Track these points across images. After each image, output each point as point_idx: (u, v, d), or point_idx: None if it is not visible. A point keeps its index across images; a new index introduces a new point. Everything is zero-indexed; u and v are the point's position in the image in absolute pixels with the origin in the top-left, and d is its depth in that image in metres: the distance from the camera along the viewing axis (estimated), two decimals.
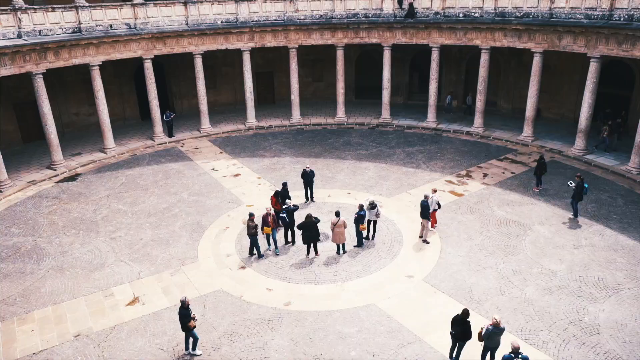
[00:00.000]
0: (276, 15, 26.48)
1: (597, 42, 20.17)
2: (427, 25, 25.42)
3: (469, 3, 24.32)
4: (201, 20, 25.20)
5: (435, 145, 24.64)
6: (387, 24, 26.20)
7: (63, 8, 21.36)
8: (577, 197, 16.31)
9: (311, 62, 32.69)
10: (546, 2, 21.66)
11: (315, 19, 26.73)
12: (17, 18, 19.53)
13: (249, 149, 24.77)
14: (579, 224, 16.26)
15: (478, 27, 24.05)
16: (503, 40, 23.65)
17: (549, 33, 21.81)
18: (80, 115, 27.57)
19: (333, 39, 27.22)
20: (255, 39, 26.57)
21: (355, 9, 26.72)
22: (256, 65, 29.90)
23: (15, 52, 19.34)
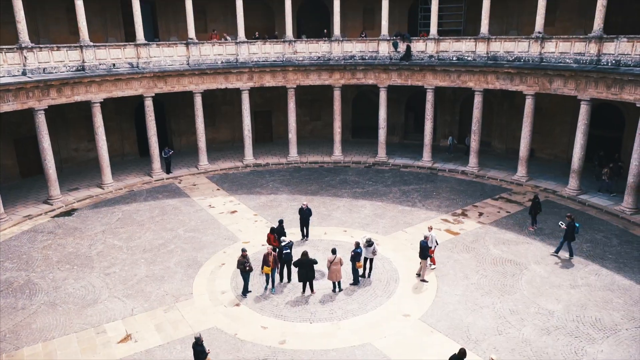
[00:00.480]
0: (275, 56, 27.23)
1: (586, 85, 20.79)
2: (421, 68, 26.16)
3: (462, 47, 25.15)
4: (202, 60, 25.87)
5: (430, 184, 24.87)
6: (383, 66, 26.95)
7: (68, 47, 21.95)
8: (570, 237, 16.41)
9: (309, 101, 33.37)
10: (536, 47, 22.45)
11: (313, 60, 27.49)
12: (22, 56, 20.04)
13: (246, 186, 24.92)
14: (574, 263, 16.28)
15: (471, 70, 24.79)
16: (495, 83, 24.33)
17: (540, 76, 22.48)
18: (80, 150, 27.81)
19: (330, 80, 27.91)
20: (254, 78, 27.22)
21: (352, 52, 27.54)
22: (255, 104, 30.48)
23: (19, 89, 19.73)
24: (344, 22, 29.54)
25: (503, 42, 23.99)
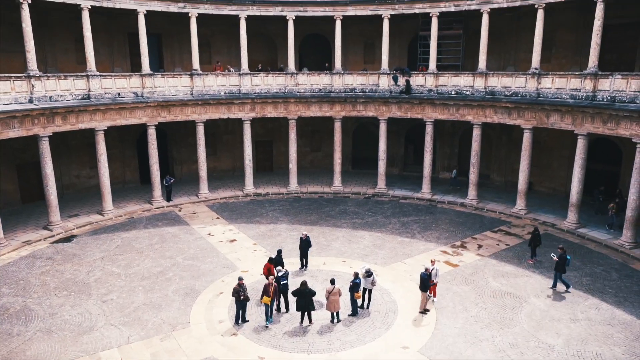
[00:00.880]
0: (277, 88, 27.77)
1: (583, 120, 21.14)
2: (421, 101, 26.65)
3: (461, 82, 25.69)
4: (205, 90, 26.38)
5: (430, 216, 24.94)
6: (383, 99, 27.45)
7: (75, 76, 22.44)
8: (561, 269, 16.43)
9: (310, 132, 33.79)
10: (533, 83, 22.94)
11: (315, 92, 28.01)
12: (30, 84, 20.46)
13: (245, 215, 24.98)
14: (574, 297, 16.20)
15: (469, 104, 25.24)
16: (494, 117, 24.73)
17: (537, 111, 22.88)
18: (81, 177, 28.00)
19: (331, 112, 28.37)
20: (256, 109, 27.67)
21: (352, 84, 28.10)
22: (256, 134, 30.87)
23: (25, 116, 20.07)
24: (345, 55, 30.26)
25: (500, 78, 24.54)
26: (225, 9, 26.20)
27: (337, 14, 27.05)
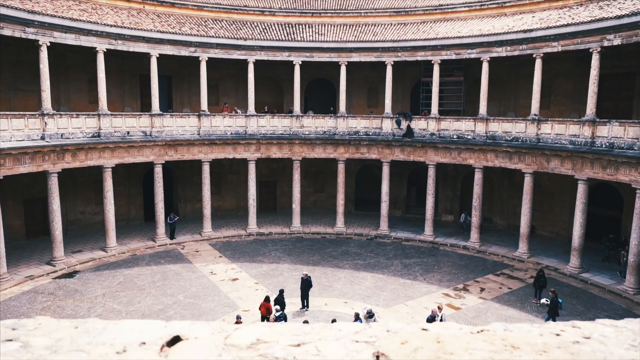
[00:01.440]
0: (282, 129, 28.41)
1: (582, 165, 21.48)
2: (423, 145, 27.16)
3: (462, 126, 26.27)
4: (212, 131, 27.01)
5: (432, 258, 24.92)
6: (386, 142, 27.98)
7: (87, 115, 23.14)
8: (554, 313, 16.40)
9: (313, 173, 34.23)
10: (533, 128, 23.46)
11: (319, 134, 28.62)
12: (43, 122, 21.09)
13: (248, 254, 25.02)
14: None
15: (471, 148, 25.70)
16: (495, 161, 25.13)
17: (537, 156, 23.29)
18: (86, 213, 28.27)
19: (335, 154, 28.87)
20: (261, 150, 28.22)
21: (356, 127, 28.73)
22: (260, 174, 31.31)
23: (36, 152, 20.58)
24: (350, 99, 31.07)
25: (501, 123, 25.11)
26: (235, 53, 27.21)
27: (342, 60, 28.01)
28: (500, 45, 24.58)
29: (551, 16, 24.79)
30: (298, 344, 0.86)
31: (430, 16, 31.02)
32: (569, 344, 0.90)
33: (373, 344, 0.88)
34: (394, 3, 33.18)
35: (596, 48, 20.79)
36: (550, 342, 0.91)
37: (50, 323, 0.95)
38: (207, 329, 0.94)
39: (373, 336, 0.93)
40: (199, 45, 26.19)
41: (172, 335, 0.90)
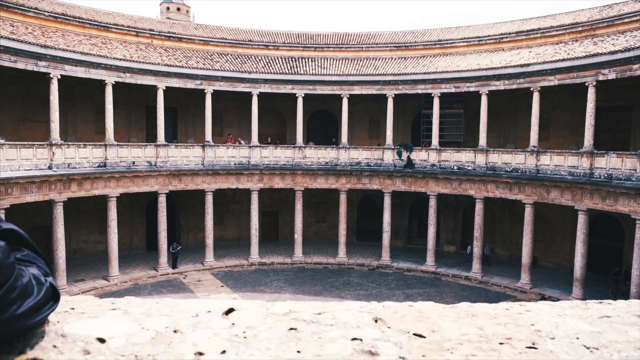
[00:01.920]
0: (285, 160, 28.84)
1: (582, 196, 21.72)
2: (424, 175, 27.50)
3: (462, 157, 26.66)
4: (216, 161, 27.44)
5: (434, 289, 24.86)
6: (388, 173, 28.34)
7: (93, 145, 23.62)
8: None
9: (315, 203, 34.47)
10: (532, 159, 23.82)
11: (321, 165, 29.02)
12: (51, 152, 21.54)
13: (250, 284, 25.02)
14: None
15: (471, 179, 26.02)
16: (495, 192, 25.39)
17: (537, 187, 23.56)
18: (89, 242, 28.43)
19: (337, 184, 29.20)
20: (264, 180, 28.58)
21: (358, 158, 29.15)
22: (263, 204, 31.55)
23: (43, 181, 20.94)
24: (351, 130, 31.62)
25: (501, 154, 25.50)
26: (239, 86, 27.92)
27: (344, 93, 28.69)
28: (499, 79, 25.22)
29: (547, 51, 25.53)
30: (319, 313, 1.14)
31: (430, 51, 31.92)
32: (514, 314, 1.17)
33: (373, 313, 1.15)
34: (395, 38, 34.19)
35: (592, 82, 21.35)
36: (500, 313, 1.18)
37: (137, 300, 1.22)
38: (253, 304, 1.21)
39: (373, 309, 1.20)
40: (205, 78, 26.92)
41: (228, 307, 1.17)
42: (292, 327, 1.06)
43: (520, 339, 1.02)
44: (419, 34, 34.43)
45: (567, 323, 1.10)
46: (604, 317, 1.17)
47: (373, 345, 0.96)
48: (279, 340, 0.97)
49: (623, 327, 1.11)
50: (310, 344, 0.95)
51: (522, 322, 1.10)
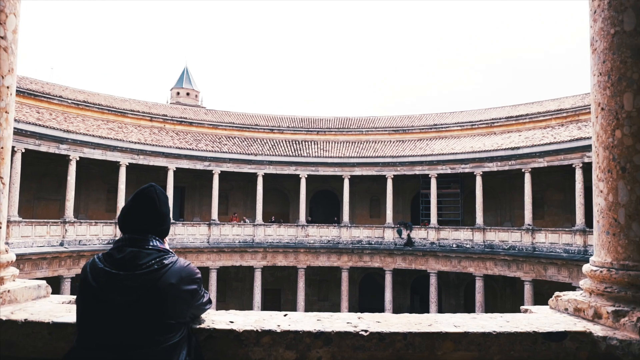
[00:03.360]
0: (288, 238, 29.57)
1: (578, 273, 22.14)
2: (424, 253, 28.06)
3: (461, 236, 27.40)
4: (221, 239, 28.18)
5: None
6: (388, 251, 28.93)
7: (104, 223, 24.54)
8: None
9: (317, 282, 34.61)
10: (528, 237, 24.53)
11: (324, 243, 29.69)
12: (64, 229, 22.42)
13: None
14: None
15: (470, 257, 26.56)
16: (494, 269, 25.83)
17: (534, 264, 24.07)
18: None
19: (339, 262, 29.67)
20: (267, 258, 29.12)
21: (359, 237, 29.87)
22: (265, 282, 31.76)
23: (54, 258, 21.61)
24: (353, 209, 32.61)
25: (497, 232, 26.27)
26: (245, 167, 29.37)
27: (345, 174, 30.05)
28: (491, 161, 26.62)
29: (536, 135, 27.17)
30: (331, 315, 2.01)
31: (426, 134, 33.79)
32: (428, 317, 2.04)
33: (357, 315, 1.99)
34: (393, 122, 36.27)
35: (578, 164, 22.64)
36: (422, 317, 2.04)
37: (238, 312, 2.09)
38: (297, 313, 2.07)
39: (360, 317, 2.04)
40: (213, 160, 28.43)
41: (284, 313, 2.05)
42: (318, 319, 1.90)
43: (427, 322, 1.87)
44: (416, 119, 36.53)
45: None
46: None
47: (355, 325, 1.79)
48: (310, 321, 1.81)
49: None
50: (325, 324, 1.78)
51: (432, 318, 1.96)
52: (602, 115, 2.04)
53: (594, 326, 1.93)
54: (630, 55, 1.93)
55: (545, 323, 1.94)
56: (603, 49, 2.04)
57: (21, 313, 1.94)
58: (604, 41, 2.03)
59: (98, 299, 1.73)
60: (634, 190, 1.91)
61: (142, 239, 1.84)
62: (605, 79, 2.01)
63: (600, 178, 2.06)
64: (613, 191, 1.98)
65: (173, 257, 1.90)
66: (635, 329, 1.79)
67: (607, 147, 2.00)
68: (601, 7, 2.04)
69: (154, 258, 1.80)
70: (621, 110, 1.95)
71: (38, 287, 2.35)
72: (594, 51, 2.11)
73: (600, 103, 2.06)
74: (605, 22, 2.02)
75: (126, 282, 1.73)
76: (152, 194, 1.94)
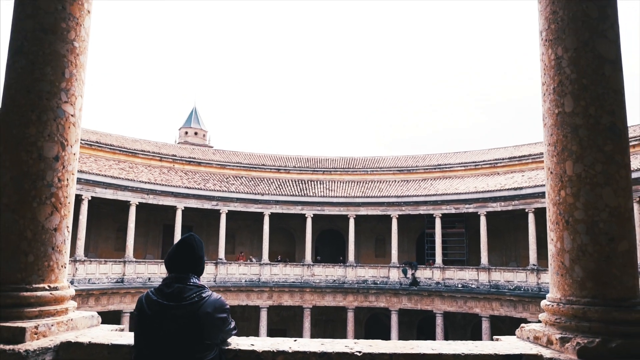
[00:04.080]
0: (294, 277, 29.70)
1: None
2: (430, 293, 28.03)
3: (466, 276, 27.43)
4: (227, 278, 28.38)
5: None
6: (394, 291, 28.92)
7: (113, 262, 24.92)
8: None
9: (323, 322, 34.38)
10: (533, 277, 24.57)
11: (329, 283, 29.76)
12: (74, 267, 22.81)
13: None
14: None
15: (476, 297, 26.51)
16: (500, 310, 25.72)
17: (540, 305, 23.92)
18: None
19: (344, 302, 29.64)
20: (273, 297, 29.17)
21: (365, 276, 29.94)
22: (271, 321, 31.64)
23: None
24: (358, 249, 32.80)
25: (502, 272, 26.31)
26: (252, 207, 29.88)
27: (350, 213, 30.45)
28: (495, 201, 26.97)
29: (539, 175, 27.58)
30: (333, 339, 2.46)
31: (431, 174, 34.32)
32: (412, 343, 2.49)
33: (355, 343, 2.44)
34: (397, 162, 36.91)
35: None
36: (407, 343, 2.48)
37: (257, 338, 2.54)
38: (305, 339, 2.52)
39: (356, 342, 2.48)
40: (221, 199, 29.00)
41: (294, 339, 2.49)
42: (322, 343, 2.35)
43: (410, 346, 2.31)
44: (420, 159, 37.18)
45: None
46: None
47: (352, 347, 2.23)
48: (315, 345, 2.26)
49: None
50: (327, 347, 2.22)
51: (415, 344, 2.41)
52: (551, 177, 2.54)
53: (545, 350, 2.35)
54: (570, 131, 2.44)
55: (507, 348, 2.36)
56: (550, 125, 2.56)
57: (84, 337, 2.41)
58: (550, 118, 2.56)
59: (152, 325, 2.21)
60: (576, 239, 2.38)
61: (185, 277, 2.32)
62: (552, 149, 2.52)
63: (551, 229, 2.53)
64: (560, 239, 2.45)
65: (208, 291, 2.37)
66: (574, 351, 2.21)
67: (555, 204, 2.49)
68: (548, 91, 2.57)
69: (195, 292, 2.28)
70: (564, 174, 2.44)
71: (92, 317, 2.82)
72: (544, 125, 2.63)
73: (549, 168, 2.56)
74: (551, 103, 2.55)
75: (174, 311, 2.22)
76: (192, 242, 2.45)
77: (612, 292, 2.32)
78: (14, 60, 2.55)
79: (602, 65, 2.39)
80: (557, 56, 2.48)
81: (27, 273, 2.62)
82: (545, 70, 2.58)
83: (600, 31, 2.39)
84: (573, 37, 2.41)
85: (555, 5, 2.46)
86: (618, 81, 2.42)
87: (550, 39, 2.52)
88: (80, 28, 2.64)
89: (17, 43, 2.55)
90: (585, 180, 2.37)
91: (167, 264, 2.40)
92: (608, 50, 2.39)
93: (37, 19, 2.52)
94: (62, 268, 2.82)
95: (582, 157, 2.37)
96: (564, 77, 2.45)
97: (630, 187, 2.37)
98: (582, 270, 2.38)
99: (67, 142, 2.68)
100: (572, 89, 2.44)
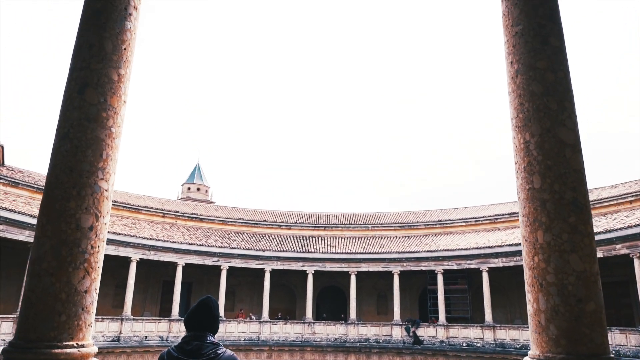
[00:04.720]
0: (294, 336, 29.16)
1: None
2: (434, 352, 27.42)
3: (470, 334, 26.97)
4: (226, 336, 27.82)
5: None
6: (397, 350, 28.30)
7: (111, 319, 24.63)
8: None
9: None
10: None
11: (330, 341, 29.18)
12: None
13: None
14: None
15: (481, 356, 25.92)
16: None
17: None
18: None
19: None
20: (273, 357, 28.50)
21: (366, 334, 29.40)
22: None
23: None
24: (360, 306, 32.37)
25: (508, 330, 25.89)
26: (253, 263, 29.86)
27: (351, 270, 30.35)
28: (497, 257, 27.00)
29: None
30: None
31: (432, 230, 34.49)
32: None
33: None
34: (398, 218, 37.17)
35: None
36: None
37: None
38: None
39: None
40: (222, 255, 29.04)
41: None
42: None
43: None
44: (421, 215, 37.47)
45: None
46: None
47: None
48: None
49: None
50: None
51: None
52: (525, 244, 2.89)
53: None
54: (539, 205, 2.82)
55: None
56: (523, 199, 2.94)
57: None
58: (522, 193, 2.95)
59: None
60: (549, 300, 2.69)
61: (202, 335, 2.63)
62: (526, 220, 2.89)
63: (528, 290, 2.84)
64: (536, 301, 2.76)
65: (222, 348, 2.66)
66: None
67: (530, 268, 2.82)
68: (520, 169, 2.99)
69: (211, 349, 2.58)
70: (537, 242, 2.80)
71: None
72: (518, 199, 3.02)
73: (524, 236, 2.92)
74: (522, 180, 2.95)
75: None
76: (210, 303, 2.77)
77: (583, 348, 2.60)
78: (60, 144, 3.00)
79: (563, 149, 2.81)
80: (525, 140, 2.91)
81: (59, 331, 2.91)
82: (517, 151, 3.00)
83: (560, 120, 2.84)
84: (537, 125, 2.85)
85: (522, 98, 2.92)
86: (578, 162, 2.83)
87: (519, 125, 2.96)
88: (117, 116, 3.10)
89: (64, 130, 3.01)
90: (555, 248, 2.71)
91: (186, 323, 2.70)
92: (567, 136, 2.82)
93: (82, 110, 2.99)
94: (89, 327, 3.13)
95: (551, 227, 2.73)
96: (532, 158, 2.87)
97: (594, 254, 2.71)
98: (556, 328, 2.67)
99: (101, 214, 3.07)
100: (539, 169, 2.84)
